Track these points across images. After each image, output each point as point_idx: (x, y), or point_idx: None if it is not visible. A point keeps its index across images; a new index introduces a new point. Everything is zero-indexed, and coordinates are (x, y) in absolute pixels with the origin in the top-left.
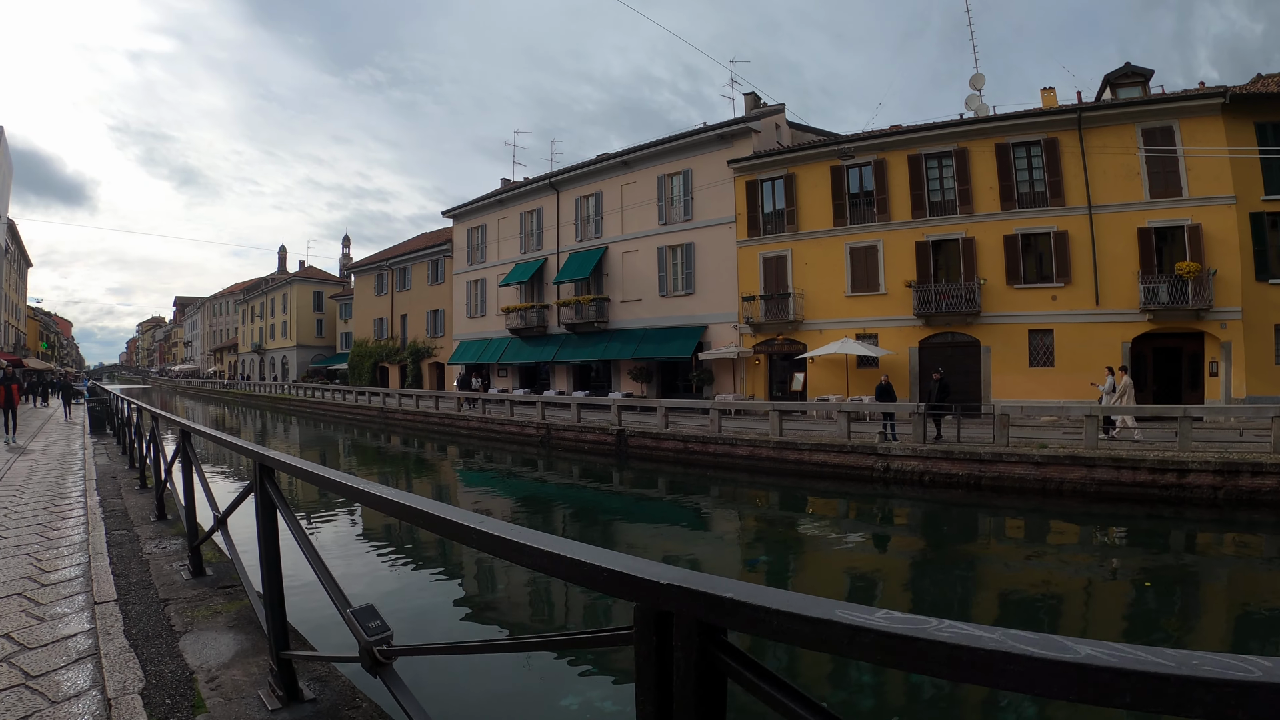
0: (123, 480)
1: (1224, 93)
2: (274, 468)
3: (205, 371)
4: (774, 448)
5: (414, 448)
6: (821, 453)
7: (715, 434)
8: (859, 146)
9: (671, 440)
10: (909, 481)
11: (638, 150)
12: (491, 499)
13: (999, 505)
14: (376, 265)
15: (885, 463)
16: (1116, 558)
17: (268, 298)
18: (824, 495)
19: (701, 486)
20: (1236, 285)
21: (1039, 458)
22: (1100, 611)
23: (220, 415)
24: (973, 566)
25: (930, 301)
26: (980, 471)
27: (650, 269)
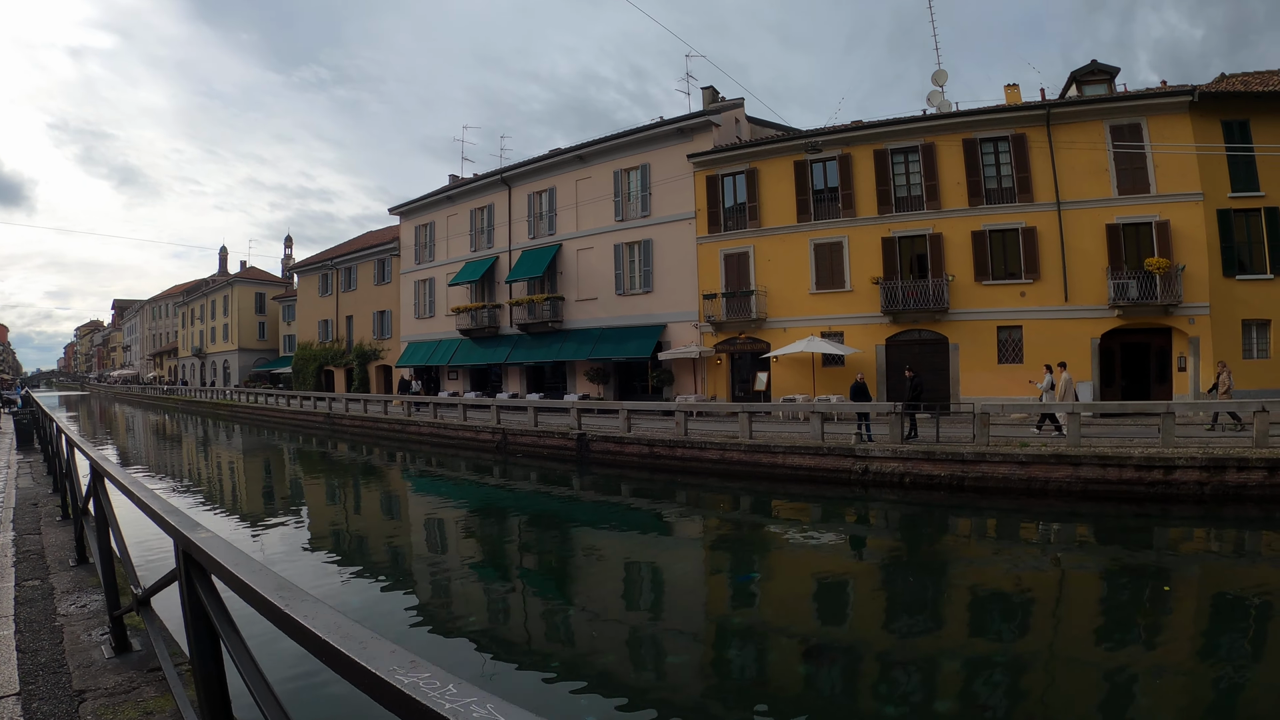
0: (44, 508)
1: (1192, 91)
2: (204, 564)
3: (145, 376)
4: (745, 451)
5: (363, 455)
6: (796, 455)
7: (682, 437)
8: (824, 141)
9: (636, 444)
10: (889, 484)
11: (593, 144)
12: (445, 507)
13: (983, 506)
14: (320, 265)
15: (864, 465)
16: (1103, 557)
17: (208, 300)
18: (799, 499)
19: (669, 492)
20: (1204, 281)
21: (1023, 457)
22: (1082, 612)
23: (160, 423)
24: (955, 570)
25: (897, 298)
26: (963, 472)
27: (607, 267)
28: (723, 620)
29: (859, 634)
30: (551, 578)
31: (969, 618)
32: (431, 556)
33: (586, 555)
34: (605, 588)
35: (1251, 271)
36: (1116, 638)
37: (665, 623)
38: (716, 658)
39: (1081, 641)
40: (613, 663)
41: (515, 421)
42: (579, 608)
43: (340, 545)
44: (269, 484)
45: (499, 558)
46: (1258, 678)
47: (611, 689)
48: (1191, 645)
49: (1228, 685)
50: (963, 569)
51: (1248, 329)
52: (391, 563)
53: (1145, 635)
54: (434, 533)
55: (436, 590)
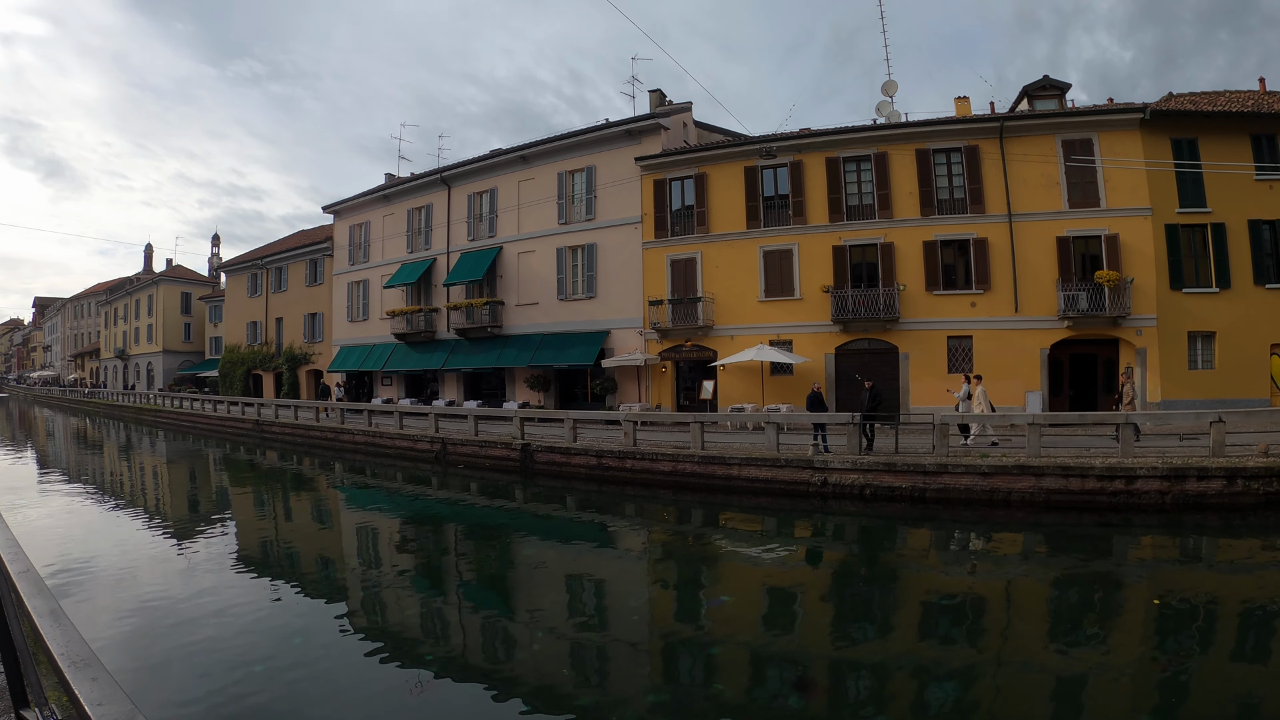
0: None
1: (1143, 108)
2: None
3: (66, 378)
4: (699, 463)
5: (293, 464)
6: (752, 467)
7: (631, 448)
8: (777, 147)
9: (583, 455)
10: (848, 496)
11: (537, 145)
12: (379, 519)
13: (944, 518)
14: (250, 264)
15: (822, 477)
16: (1068, 567)
17: (132, 299)
18: (756, 512)
19: (618, 505)
20: (1151, 294)
21: (986, 468)
22: (1047, 622)
23: (81, 427)
24: (919, 582)
25: (848, 307)
26: (924, 483)
27: (549, 271)
28: (673, 637)
29: (822, 649)
30: (492, 593)
31: (935, 630)
32: (364, 570)
33: (530, 571)
34: (549, 604)
35: (1198, 285)
36: (1083, 646)
37: (613, 640)
38: (664, 673)
39: (1046, 651)
40: (555, 682)
41: (455, 430)
42: (520, 624)
43: (267, 558)
44: (194, 493)
45: (436, 572)
46: (1216, 681)
47: (552, 708)
48: (1162, 652)
49: (1188, 689)
50: (927, 581)
51: (1193, 340)
52: (321, 576)
53: (1117, 643)
54: (367, 545)
55: (369, 604)
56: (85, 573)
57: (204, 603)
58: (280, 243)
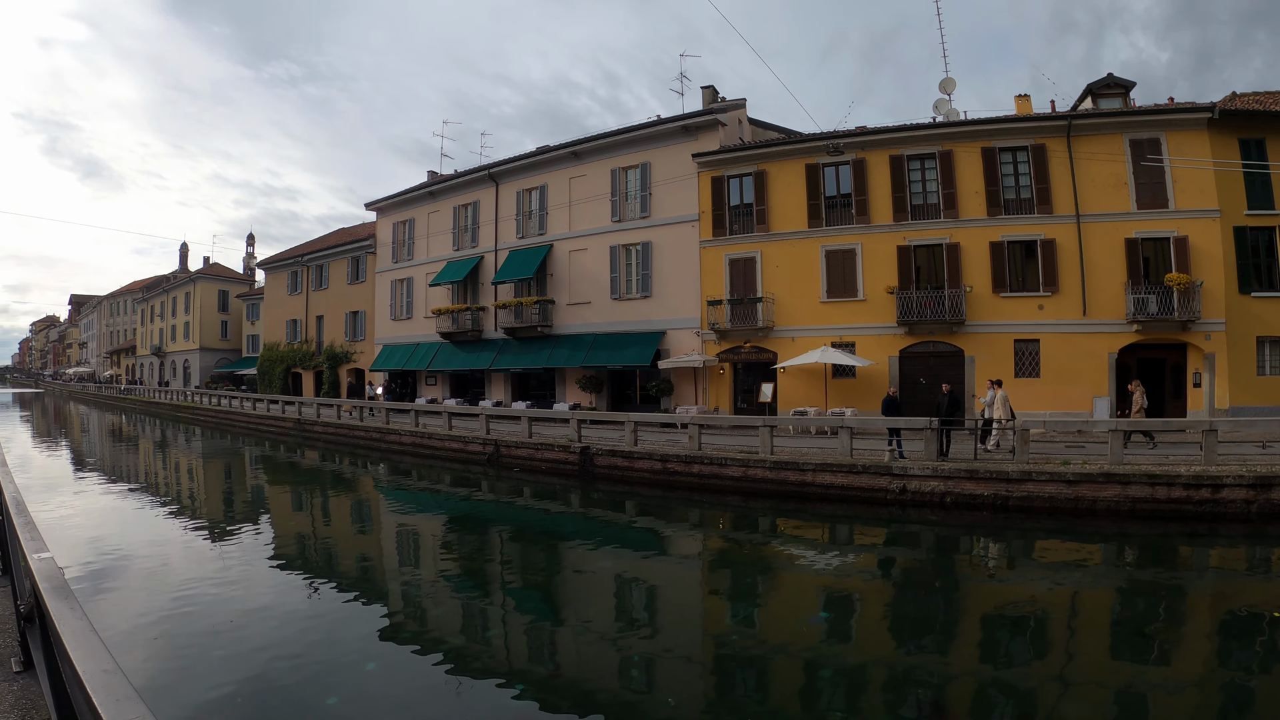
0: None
1: (1211, 108)
2: None
3: (102, 375)
4: (771, 468)
5: (337, 464)
6: (827, 473)
7: (697, 452)
8: (842, 143)
9: (647, 460)
10: (928, 504)
11: (589, 141)
12: (425, 522)
13: (1028, 527)
14: (290, 262)
15: (901, 484)
16: (1155, 579)
17: (169, 296)
18: (830, 520)
19: (682, 512)
20: (1220, 297)
21: (1071, 475)
22: (1149, 638)
23: (117, 424)
24: (1002, 595)
25: (913, 309)
26: (1007, 491)
27: (602, 269)
28: (740, 653)
29: (913, 669)
30: (542, 599)
31: (1036, 647)
32: (410, 573)
33: (584, 578)
34: (601, 613)
35: (1267, 289)
36: (1172, 661)
37: (668, 653)
38: (719, 688)
39: (1140, 667)
40: (600, 693)
41: (507, 432)
42: (572, 633)
43: (309, 558)
44: (233, 492)
45: (482, 576)
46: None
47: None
48: (1243, 670)
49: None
50: (1019, 593)
51: (1261, 346)
52: (366, 577)
53: (1205, 658)
54: (413, 547)
55: (414, 608)
56: (119, 567)
57: (238, 599)
58: (321, 240)
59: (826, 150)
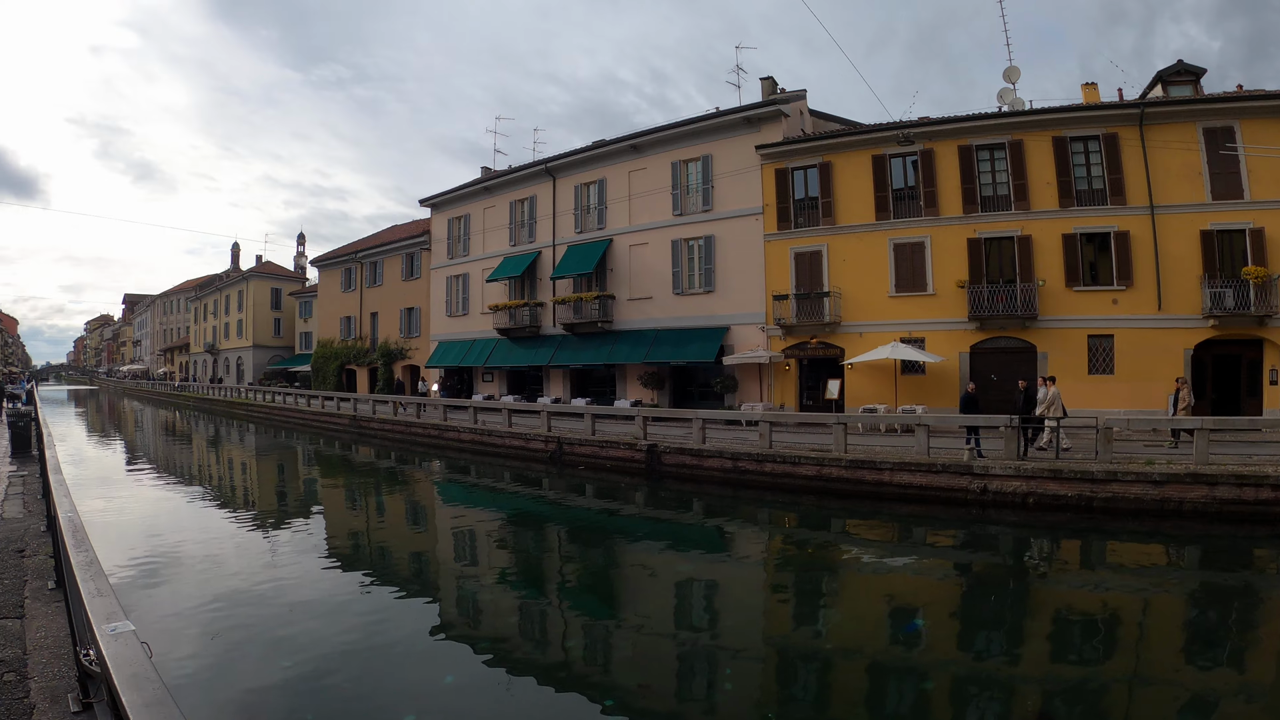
0: (33, 562)
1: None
2: None
3: (155, 372)
4: (846, 467)
5: (394, 461)
6: (905, 472)
7: (769, 450)
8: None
9: (717, 458)
10: (1009, 504)
11: (648, 134)
12: (485, 520)
13: (1114, 529)
14: (343, 259)
15: (982, 483)
16: (1260, 585)
17: (222, 295)
18: (911, 522)
19: (752, 512)
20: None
21: (1157, 476)
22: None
23: (171, 420)
24: (1089, 600)
25: (983, 303)
26: (1092, 492)
27: (663, 264)
28: (811, 656)
29: (991, 677)
30: (619, 607)
31: (1131, 656)
32: (468, 571)
33: (647, 580)
34: (664, 616)
35: None
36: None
37: (739, 662)
38: (791, 693)
39: (1240, 677)
40: (657, 699)
41: (568, 429)
42: (658, 644)
43: (364, 552)
44: (289, 487)
45: (540, 575)
46: None
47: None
48: None
49: None
50: (1114, 599)
51: None
52: (422, 574)
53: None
54: (478, 547)
55: (465, 602)
56: (169, 559)
57: (288, 593)
58: (375, 237)
59: (897, 140)
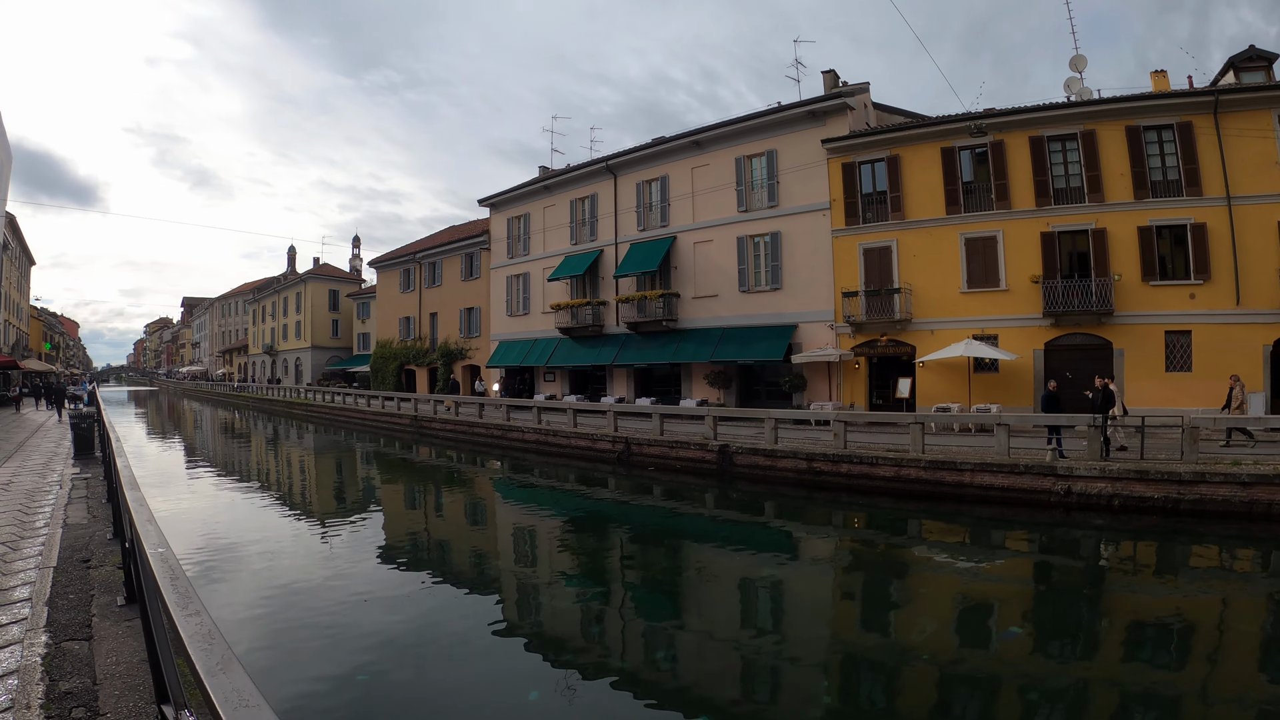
0: (99, 574)
1: None
2: None
3: (214, 373)
4: (925, 468)
5: (457, 461)
6: (986, 474)
7: (844, 451)
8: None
9: (791, 458)
10: (1093, 507)
11: (711, 129)
12: (551, 521)
13: (1201, 532)
14: (402, 260)
15: (1066, 485)
16: None
17: (280, 297)
18: (994, 525)
19: (827, 514)
20: None
21: (1246, 477)
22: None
23: (230, 420)
24: (1191, 609)
25: (1058, 299)
26: (1179, 494)
27: (729, 261)
28: (891, 665)
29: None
30: (671, 603)
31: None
32: (531, 572)
33: (719, 584)
34: (731, 620)
35: None
36: None
37: (806, 668)
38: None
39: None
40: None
41: (635, 429)
42: (712, 645)
43: (420, 550)
44: (350, 487)
45: (603, 576)
46: None
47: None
48: None
49: None
50: (1208, 606)
51: None
52: (484, 572)
53: None
54: (542, 546)
55: (526, 601)
56: (228, 555)
57: (346, 590)
58: (433, 237)
59: (969, 131)
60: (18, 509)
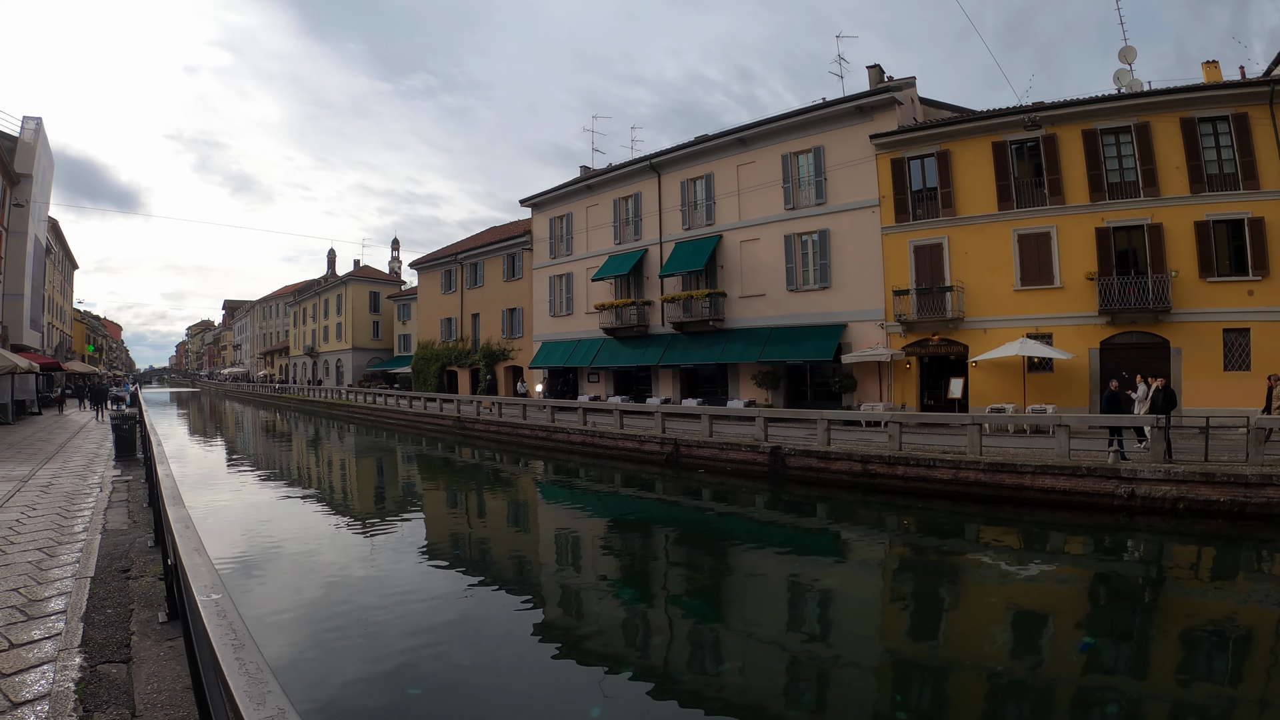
0: (139, 587)
1: None
2: None
3: (255, 375)
4: (985, 470)
5: (500, 463)
6: (1048, 476)
7: (900, 453)
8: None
9: (845, 460)
10: (1157, 510)
11: (756, 126)
12: (600, 523)
13: (1267, 537)
14: (443, 261)
15: (1129, 488)
16: None
17: (320, 299)
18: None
19: (881, 518)
20: None
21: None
22: None
23: (272, 421)
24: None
25: (1114, 296)
26: (1245, 497)
27: (776, 260)
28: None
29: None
30: (737, 613)
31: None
32: (575, 571)
33: (767, 590)
34: (780, 630)
35: None
36: None
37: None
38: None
39: None
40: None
41: (683, 431)
42: (763, 652)
43: (461, 551)
44: (399, 488)
45: (646, 580)
46: None
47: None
48: None
49: None
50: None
51: None
52: (529, 575)
53: None
54: (581, 551)
55: (569, 603)
56: (268, 553)
57: (385, 589)
58: (474, 238)
59: (1024, 125)
60: (56, 512)
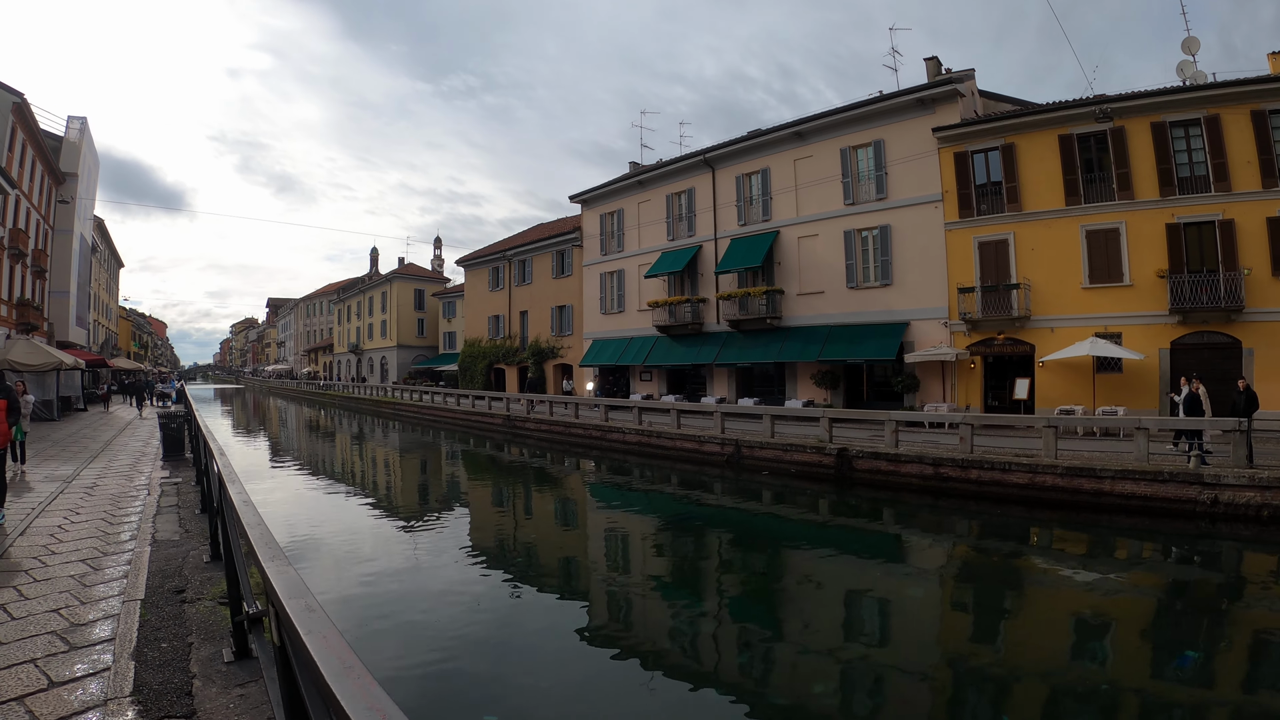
0: (197, 613)
1: None
2: None
3: (299, 372)
4: (1062, 475)
5: (553, 463)
6: (1128, 481)
7: (972, 455)
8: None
9: (916, 464)
10: (1241, 518)
11: (813, 119)
12: (657, 530)
13: None
14: (491, 258)
15: (1213, 494)
16: None
17: (365, 296)
18: (1138, 536)
19: (952, 524)
20: None
21: None
22: None
23: (316, 418)
24: None
25: (1185, 294)
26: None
27: (835, 256)
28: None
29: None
30: (778, 619)
31: None
32: (628, 581)
33: (833, 599)
34: (837, 639)
35: None
36: None
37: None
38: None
39: None
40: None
41: (743, 431)
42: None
43: (508, 550)
44: (450, 487)
45: (698, 583)
46: None
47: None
48: None
49: None
50: None
51: None
52: (579, 579)
53: None
54: (635, 554)
55: (617, 603)
56: (312, 547)
57: (428, 585)
58: (522, 235)
59: (1095, 116)
60: (101, 518)
